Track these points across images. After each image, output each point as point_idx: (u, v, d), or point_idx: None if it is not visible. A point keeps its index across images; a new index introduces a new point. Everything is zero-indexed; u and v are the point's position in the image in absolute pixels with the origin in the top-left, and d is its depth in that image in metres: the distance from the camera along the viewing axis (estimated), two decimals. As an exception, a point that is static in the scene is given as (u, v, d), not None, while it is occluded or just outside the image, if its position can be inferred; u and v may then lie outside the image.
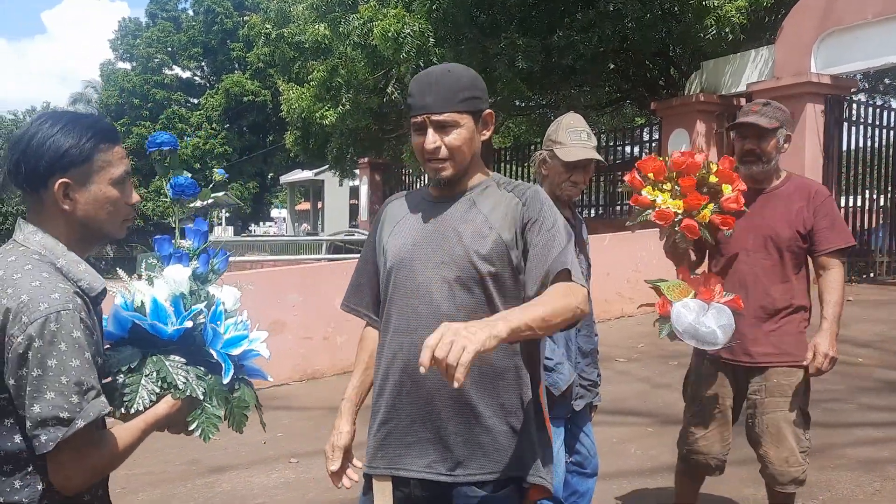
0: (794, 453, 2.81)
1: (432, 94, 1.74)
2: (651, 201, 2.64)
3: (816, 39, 9.54)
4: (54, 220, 1.47)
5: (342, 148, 15.04)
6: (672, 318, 2.67)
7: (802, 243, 2.85)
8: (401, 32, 10.51)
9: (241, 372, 1.70)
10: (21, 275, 1.38)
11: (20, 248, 1.45)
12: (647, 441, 4.43)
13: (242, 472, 4.43)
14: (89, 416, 1.34)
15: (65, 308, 1.35)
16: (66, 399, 1.32)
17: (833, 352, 2.76)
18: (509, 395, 1.75)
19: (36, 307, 1.33)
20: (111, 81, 44.28)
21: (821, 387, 5.38)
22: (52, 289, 1.37)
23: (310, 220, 34.79)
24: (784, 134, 2.88)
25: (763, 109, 2.87)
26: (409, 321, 1.76)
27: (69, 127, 1.45)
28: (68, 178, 1.44)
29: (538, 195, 1.81)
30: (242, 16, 30.30)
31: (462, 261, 1.73)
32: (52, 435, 1.32)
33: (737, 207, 2.66)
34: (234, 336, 1.66)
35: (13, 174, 1.45)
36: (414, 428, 1.76)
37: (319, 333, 6.75)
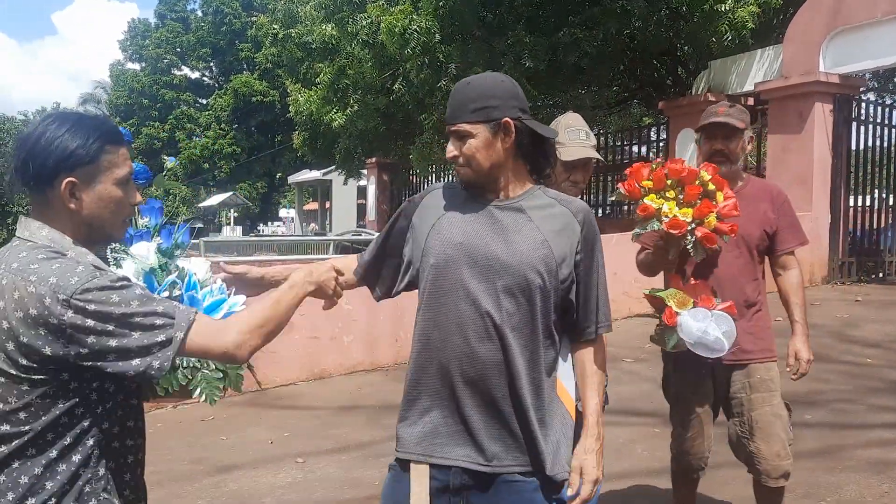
0: (785, 447, 2.86)
1: (451, 106, 1.87)
2: (657, 209, 2.62)
3: (825, 38, 9.49)
4: (60, 218, 1.50)
5: (350, 148, 15.07)
6: (681, 328, 2.67)
7: (768, 242, 2.97)
8: (407, 29, 10.52)
9: None
10: (38, 264, 1.41)
11: (27, 243, 1.48)
12: (654, 441, 4.42)
13: (249, 471, 4.44)
14: (182, 326, 1.43)
15: (93, 275, 1.41)
16: (152, 329, 1.40)
17: (811, 355, 2.94)
18: (542, 394, 1.85)
19: (68, 282, 1.38)
20: (121, 82, 44.53)
21: (829, 387, 5.37)
22: (74, 267, 1.42)
23: (318, 220, 34.85)
24: (748, 135, 2.99)
25: (730, 111, 2.96)
26: (454, 320, 1.82)
27: (76, 128, 1.48)
28: (75, 177, 1.47)
29: (592, 219, 1.92)
30: (251, 16, 30.33)
31: (513, 269, 1.80)
32: (162, 358, 1.40)
33: (736, 215, 2.67)
34: (214, 301, 1.71)
35: (21, 172, 1.48)
36: (454, 419, 1.83)
37: (327, 333, 6.77)
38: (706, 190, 2.64)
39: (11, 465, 1.42)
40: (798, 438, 4.20)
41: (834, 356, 6.18)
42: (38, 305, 1.36)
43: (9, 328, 1.38)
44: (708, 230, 2.59)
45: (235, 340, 1.48)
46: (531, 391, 1.82)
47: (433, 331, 1.85)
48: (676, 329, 2.68)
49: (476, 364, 1.80)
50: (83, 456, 1.45)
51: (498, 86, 1.85)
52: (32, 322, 1.36)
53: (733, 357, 2.86)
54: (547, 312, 1.83)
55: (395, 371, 6.84)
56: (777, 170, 9.77)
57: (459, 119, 1.83)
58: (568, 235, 1.85)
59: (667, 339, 2.71)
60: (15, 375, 1.39)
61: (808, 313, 3.03)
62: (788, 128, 9.67)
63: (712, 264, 2.87)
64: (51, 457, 1.43)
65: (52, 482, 1.43)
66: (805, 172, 9.45)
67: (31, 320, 1.36)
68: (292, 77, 16.76)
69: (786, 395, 3.02)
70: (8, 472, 1.42)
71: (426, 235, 1.91)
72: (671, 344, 2.70)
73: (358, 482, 4.20)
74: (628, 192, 2.68)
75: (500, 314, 1.79)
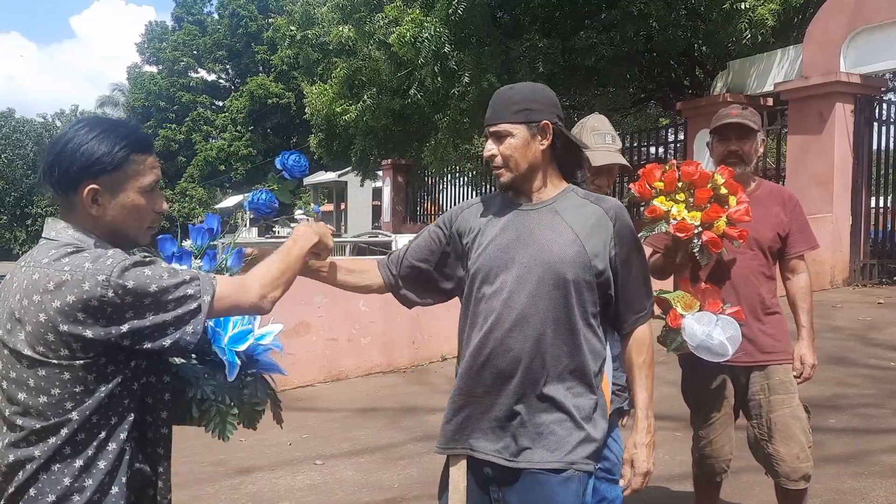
0: (804, 449, 2.83)
1: (492, 108, 1.97)
2: (665, 212, 2.61)
3: (846, 38, 9.40)
4: (84, 222, 1.53)
5: (365, 149, 15.09)
6: (685, 331, 2.66)
7: (780, 245, 2.96)
8: (418, 37, 10.51)
9: (254, 366, 1.71)
10: (69, 257, 1.45)
11: (53, 241, 1.51)
12: (676, 445, 4.37)
13: (268, 473, 4.45)
14: (209, 290, 1.48)
15: (125, 257, 1.45)
16: (182, 302, 1.45)
17: (816, 360, 2.95)
18: (579, 393, 1.91)
19: (104, 265, 1.41)
20: (138, 84, 44.86)
21: (854, 391, 5.30)
22: (104, 252, 1.46)
23: (333, 222, 34.96)
24: (761, 137, 2.97)
25: (743, 112, 2.94)
26: (496, 321, 1.90)
27: (104, 135, 1.51)
28: (98, 184, 1.50)
29: (625, 215, 1.98)
30: (267, 19, 30.53)
31: (550, 267, 1.88)
32: (195, 323, 1.46)
33: (748, 220, 2.64)
34: (239, 331, 1.68)
35: (47, 175, 1.51)
36: (489, 416, 1.91)
37: (344, 335, 6.77)
38: (717, 194, 2.63)
39: (62, 453, 1.44)
40: (822, 444, 4.17)
41: (857, 360, 6.10)
42: (76, 291, 1.39)
43: (46, 320, 1.40)
44: (715, 235, 2.58)
45: (259, 293, 1.56)
46: (569, 386, 1.89)
47: (479, 333, 1.93)
48: (680, 331, 2.67)
49: (514, 361, 1.87)
50: (118, 445, 1.48)
51: (539, 92, 1.97)
52: (71, 309, 1.39)
53: (751, 359, 2.85)
54: (584, 307, 1.90)
55: (412, 373, 6.84)
56: (797, 171, 9.68)
57: (501, 119, 1.92)
58: (600, 232, 1.92)
59: (669, 342, 2.71)
60: (56, 364, 1.41)
61: (828, 316, 3.01)
62: (809, 129, 9.57)
63: (728, 265, 2.86)
64: (100, 440, 1.47)
65: (104, 461, 1.46)
66: (826, 174, 9.36)
67: (68, 308, 1.39)
68: (308, 78, 16.81)
69: (809, 400, 2.98)
70: (55, 465, 1.44)
71: (468, 244, 2.00)
72: (673, 346, 2.70)
73: (377, 485, 4.19)
74: (639, 192, 2.69)
75: (537, 311, 1.87)
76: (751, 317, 2.85)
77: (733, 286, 2.86)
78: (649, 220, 2.65)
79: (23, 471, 1.43)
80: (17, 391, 1.43)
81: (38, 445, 1.43)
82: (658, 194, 2.64)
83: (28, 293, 1.43)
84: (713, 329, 2.63)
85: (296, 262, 1.71)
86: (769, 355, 2.87)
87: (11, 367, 1.44)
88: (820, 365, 3.05)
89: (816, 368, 2.95)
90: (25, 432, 1.43)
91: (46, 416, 1.42)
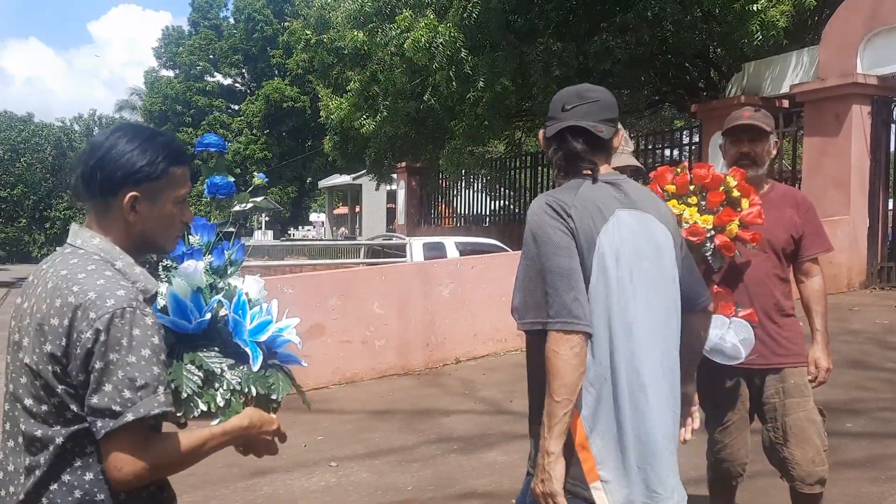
0: (819, 452, 2.81)
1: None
2: (678, 215, 2.60)
3: (863, 39, 9.32)
4: (115, 228, 1.55)
5: (380, 153, 15.15)
6: None
7: (793, 247, 2.94)
8: (432, 42, 10.53)
9: (275, 358, 1.73)
10: (85, 274, 1.46)
11: (79, 251, 1.53)
12: (691, 449, 4.33)
13: (283, 475, 4.47)
14: (139, 412, 1.39)
15: (129, 305, 1.42)
16: (118, 393, 1.38)
17: (830, 364, 2.92)
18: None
19: (103, 304, 1.41)
20: (155, 88, 45.27)
21: (871, 395, 5.26)
22: (117, 286, 1.44)
23: (348, 225, 35.05)
24: (773, 140, 2.95)
25: (755, 114, 2.92)
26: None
27: (147, 145, 1.54)
28: (139, 191, 1.53)
29: (531, 215, 1.94)
30: (282, 23, 30.67)
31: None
32: (103, 424, 1.39)
33: (761, 223, 2.63)
34: (259, 323, 1.69)
35: (87, 178, 1.53)
36: None
37: (358, 337, 6.79)
38: (730, 197, 2.62)
39: (66, 461, 1.45)
40: (840, 448, 4.14)
41: (875, 363, 6.05)
42: (70, 316, 1.41)
43: (47, 330, 1.43)
44: (728, 238, 2.57)
45: (146, 471, 1.42)
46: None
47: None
48: None
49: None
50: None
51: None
52: (63, 331, 1.41)
53: (766, 362, 2.84)
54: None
55: (426, 376, 6.85)
56: (813, 173, 9.61)
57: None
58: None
59: None
60: (52, 371, 1.43)
61: (845, 319, 3.00)
62: (825, 131, 9.51)
63: (741, 267, 2.85)
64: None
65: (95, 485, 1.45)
66: (842, 176, 9.29)
67: (62, 329, 1.41)
68: (323, 82, 16.89)
69: (826, 403, 2.97)
70: (63, 475, 1.45)
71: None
72: None
73: (391, 487, 4.20)
74: None
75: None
76: (765, 319, 2.84)
77: (747, 289, 2.85)
78: None
79: (32, 477, 1.45)
80: (25, 396, 1.46)
81: (42, 453, 1.44)
82: (670, 197, 2.64)
83: (40, 302, 1.46)
84: (726, 332, 2.63)
85: (215, 449, 1.54)
86: (784, 358, 2.86)
87: (23, 372, 1.47)
88: (837, 368, 3.04)
89: (831, 372, 2.93)
90: (30, 439, 1.45)
91: (49, 423, 1.44)
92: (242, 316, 1.66)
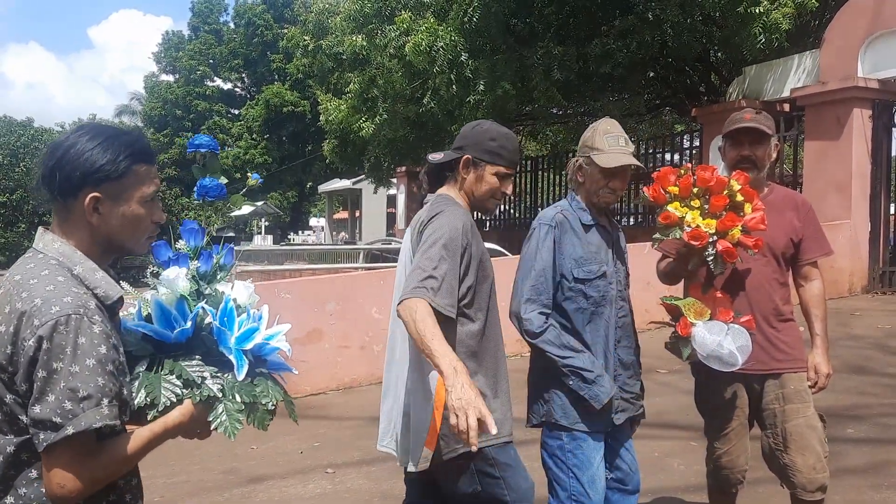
0: (820, 459, 2.78)
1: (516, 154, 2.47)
2: (679, 218, 2.56)
3: (864, 43, 9.30)
4: (79, 230, 1.49)
5: (379, 157, 15.13)
6: (695, 340, 2.62)
7: (793, 251, 2.91)
8: (433, 46, 10.51)
9: (264, 366, 1.67)
10: (37, 280, 1.41)
11: (39, 255, 1.48)
12: (691, 455, 4.31)
13: (279, 482, 4.42)
14: (80, 426, 1.33)
15: (76, 312, 1.37)
16: (59, 404, 1.33)
17: (830, 369, 2.88)
18: None
19: (47, 310, 1.36)
20: (155, 93, 45.27)
21: (873, 401, 5.21)
22: (65, 293, 1.39)
23: (348, 229, 35.02)
24: (774, 143, 2.92)
25: (756, 117, 2.89)
26: None
27: (108, 142, 1.48)
28: (100, 192, 1.47)
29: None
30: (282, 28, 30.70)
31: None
32: (45, 437, 1.33)
33: (763, 228, 2.59)
34: (246, 330, 1.63)
35: (47, 180, 1.48)
36: None
37: (356, 342, 6.75)
38: (733, 201, 2.58)
39: (21, 460, 1.41)
40: (842, 454, 4.10)
41: (877, 368, 6.01)
42: (15, 322, 1.37)
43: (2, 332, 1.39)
44: (730, 244, 2.53)
45: (93, 481, 1.38)
46: None
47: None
48: (690, 340, 2.62)
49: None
50: None
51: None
52: (8, 338, 1.37)
53: (765, 367, 2.81)
54: None
55: (425, 381, 6.79)
56: (814, 177, 9.58)
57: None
58: None
59: (681, 349, 2.66)
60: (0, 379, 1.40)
61: (847, 324, 2.95)
62: (826, 134, 9.48)
63: (741, 272, 2.82)
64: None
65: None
66: (843, 180, 9.25)
67: (7, 336, 1.37)
68: (323, 87, 16.88)
69: (827, 409, 2.93)
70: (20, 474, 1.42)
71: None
72: (685, 355, 2.65)
73: (387, 494, 4.15)
74: (653, 197, 2.63)
75: None
76: (764, 324, 2.81)
77: (746, 293, 2.81)
78: (663, 225, 2.61)
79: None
80: None
81: (3, 452, 1.41)
82: (672, 199, 2.60)
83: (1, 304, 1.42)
84: (724, 338, 2.58)
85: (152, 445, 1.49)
86: (783, 363, 2.82)
87: None
88: (839, 373, 3.00)
89: (831, 378, 2.89)
90: None
91: (3, 431, 1.40)
92: (230, 323, 1.61)
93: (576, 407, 2.53)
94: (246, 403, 1.57)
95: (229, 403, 1.55)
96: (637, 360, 2.78)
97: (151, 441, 1.47)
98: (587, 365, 2.49)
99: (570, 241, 2.57)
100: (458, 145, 2.49)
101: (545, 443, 2.62)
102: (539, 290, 2.53)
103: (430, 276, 2.17)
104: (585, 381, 2.48)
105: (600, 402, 2.49)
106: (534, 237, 2.61)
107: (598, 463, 2.56)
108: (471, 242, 2.32)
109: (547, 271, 2.54)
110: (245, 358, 1.59)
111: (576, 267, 2.55)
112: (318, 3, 15.08)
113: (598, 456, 2.57)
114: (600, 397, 2.49)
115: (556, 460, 2.56)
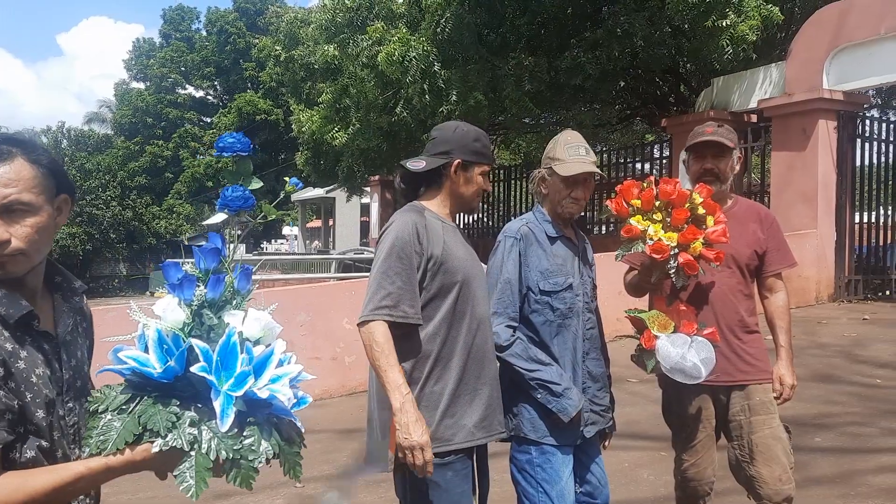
0: (786, 470, 2.80)
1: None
2: (642, 231, 2.57)
3: (829, 55, 9.48)
4: None
5: (352, 167, 15.07)
6: (659, 353, 2.62)
7: (758, 263, 2.94)
8: (405, 56, 10.51)
9: (262, 411, 1.45)
10: None
11: None
12: (661, 466, 4.32)
13: (247, 497, 4.34)
14: None
15: None
16: None
17: (795, 380, 2.89)
18: None
19: None
20: (125, 101, 44.77)
21: (840, 409, 5.27)
22: None
23: (321, 238, 34.84)
24: (737, 155, 2.95)
25: (719, 130, 2.92)
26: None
27: None
28: None
29: None
30: (255, 36, 30.54)
31: None
32: None
33: (725, 241, 2.61)
34: (242, 372, 1.40)
35: None
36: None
37: (328, 354, 6.69)
38: (695, 214, 2.59)
39: None
40: (809, 463, 4.13)
41: (843, 377, 6.08)
42: None
43: None
44: (691, 257, 2.54)
45: None
46: None
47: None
48: (654, 352, 2.63)
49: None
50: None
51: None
52: None
53: (731, 378, 2.82)
54: None
55: (396, 392, 6.74)
56: (782, 188, 9.72)
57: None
58: None
59: (646, 362, 2.66)
60: None
61: (814, 332, 2.98)
62: (792, 145, 9.63)
63: (706, 284, 2.84)
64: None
65: None
66: (810, 190, 9.40)
67: None
68: (295, 97, 16.80)
69: (794, 418, 2.95)
70: None
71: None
72: (649, 367, 2.66)
73: (358, 508, 4.11)
74: (616, 210, 2.65)
75: None
76: (730, 335, 2.83)
77: (711, 305, 2.83)
78: (626, 238, 2.62)
79: None
80: None
81: None
82: (635, 212, 2.61)
83: None
84: (687, 351, 2.58)
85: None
86: (748, 375, 2.84)
87: None
88: (805, 382, 3.02)
89: (796, 389, 2.91)
90: None
91: None
92: (230, 361, 1.40)
93: (544, 420, 2.51)
94: (226, 459, 1.36)
95: (199, 456, 1.34)
96: (606, 371, 2.78)
97: (82, 477, 1.34)
98: (555, 378, 2.48)
99: (536, 253, 2.57)
100: (442, 150, 2.45)
101: (514, 457, 2.60)
102: (505, 304, 2.52)
103: (388, 292, 2.21)
104: (553, 395, 2.47)
105: (568, 415, 2.48)
106: (499, 250, 2.61)
107: (566, 477, 2.54)
108: (426, 246, 2.30)
109: (513, 284, 2.53)
110: (232, 405, 1.37)
111: (542, 279, 2.54)
112: (290, 13, 15.01)
113: (566, 470, 2.55)
114: (568, 410, 2.48)
115: (525, 475, 2.55)
